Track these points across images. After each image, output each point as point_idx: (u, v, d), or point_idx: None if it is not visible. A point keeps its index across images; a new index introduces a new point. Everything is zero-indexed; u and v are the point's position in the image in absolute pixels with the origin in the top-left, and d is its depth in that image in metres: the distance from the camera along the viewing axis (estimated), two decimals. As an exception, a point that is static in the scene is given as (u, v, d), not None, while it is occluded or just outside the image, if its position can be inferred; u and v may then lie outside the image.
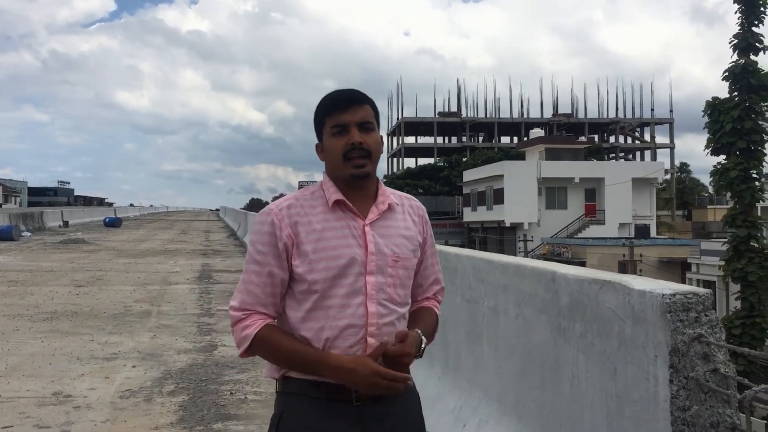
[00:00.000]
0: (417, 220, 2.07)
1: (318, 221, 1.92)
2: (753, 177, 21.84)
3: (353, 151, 1.91)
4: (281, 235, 1.90)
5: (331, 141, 1.95)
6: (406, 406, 1.98)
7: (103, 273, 15.57)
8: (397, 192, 2.10)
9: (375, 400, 1.88)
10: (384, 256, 1.92)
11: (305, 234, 1.90)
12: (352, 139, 1.92)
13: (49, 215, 41.33)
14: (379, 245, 1.92)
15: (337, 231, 1.91)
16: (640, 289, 2.34)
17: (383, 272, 1.91)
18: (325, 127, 1.97)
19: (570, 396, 2.82)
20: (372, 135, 1.96)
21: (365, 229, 1.92)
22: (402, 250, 1.97)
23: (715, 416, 2.16)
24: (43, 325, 8.85)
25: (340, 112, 1.94)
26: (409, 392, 1.97)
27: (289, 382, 1.92)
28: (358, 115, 1.94)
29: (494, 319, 3.65)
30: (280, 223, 1.91)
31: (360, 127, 1.93)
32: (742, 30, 22.21)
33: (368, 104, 1.99)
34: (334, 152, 1.94)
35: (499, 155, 60.89)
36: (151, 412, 5.19)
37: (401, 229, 2.00)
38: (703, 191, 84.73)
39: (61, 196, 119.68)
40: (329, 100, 1.99)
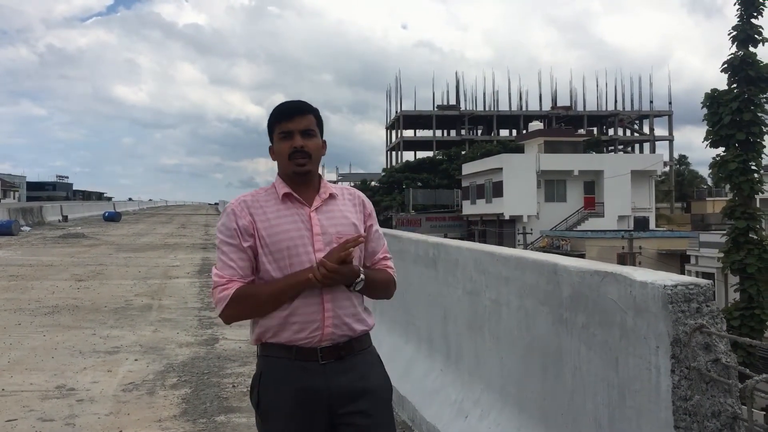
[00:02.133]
0: (356, 203, 2.43)
1: (271, 211, 2.29)
2: (752, 169, 21.83)
3: (296, 153, 2.29)
4: (242, 222, 2.27)
5: (279, 144, 2.33)
6: (365, 363, 2.33)
7: (104, 267, 15.59)
8: (338, 185, 2.47)
9: (337, 359, 2.26)
10: (329, 234, 2.29)
11: (260, 222, 2.27)
12: (295, 143, 2.29)
13: (49, 210, 41.30)
14: (324, 226, 2.30)
15: (288, 218, 2.28)
16: (642, 280, 2.36)
17: (329, 248, 2.25)
18: (274, 133, 2.34)
19: (572, 387, 2.85)
20: (313, 140, 2.33)
21: (311, 215, 2.30)
22: (345, 229, 2.32)
23: (717, 406, 2.18)
24: (45, 319, 8.87)
25: (286, 121, 2.31)
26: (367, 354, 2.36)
27: (267, 347, 2.29)
28: (302, 123, 2.31)
29: (496, 311, 3.67)
30: (240, 213, 2.29)
31: (302, 134, 2.30)
32: (741, 22, 22.17)
33: (312, 114, 2.36)
34: (281, 154, 2.33)
35: (498, 148, 60.79)
36: (155, 405, 5.21)
37: (343, 212, 2.36)
38: (702, 183, 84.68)
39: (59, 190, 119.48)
40: (278, 110, 2.35)
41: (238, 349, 7.10)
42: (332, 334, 2.26)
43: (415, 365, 4.94)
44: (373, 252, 2.46)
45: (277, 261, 2.25)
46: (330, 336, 2.25)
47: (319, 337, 2.24)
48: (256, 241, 2.27)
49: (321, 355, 2.25)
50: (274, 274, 2.25)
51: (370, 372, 2.34)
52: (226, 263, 2.26)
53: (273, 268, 2.26)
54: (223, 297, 2.23)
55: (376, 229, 2.49)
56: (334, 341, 2.26)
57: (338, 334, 2.26)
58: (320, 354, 2.25)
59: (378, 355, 2.44)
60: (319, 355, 2.25)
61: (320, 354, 2.25)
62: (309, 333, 2.23)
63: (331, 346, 2.26)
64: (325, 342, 2.25)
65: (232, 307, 2.24)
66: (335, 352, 2.27)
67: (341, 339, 2.28)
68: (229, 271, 2.26)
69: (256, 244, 2.27)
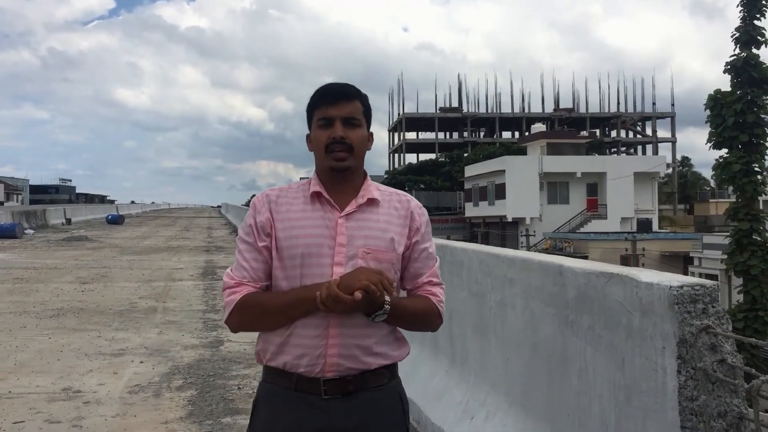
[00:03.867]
0: (403, 214, 2.05)
1: (296, 211, 1.99)
2: (755, 170, 21.82)
3: (335, 144, 1.96)
4: (260, 218, 1.99)
5: (316, 132, 2.01)
6: (378, 405, 1.97)
7: (108, 270, 15.62)
8: (389, 189, 2.11)
9: (344, 395, 1.92)
10: (354, 247, 1.94)
11: (280, 222, 1.98)
12: (334, 133, 1.97)
13: (52, 213, 41.39)
14: (352, 237, 1.95)
15: (312, 221, 1.96)
16: (648, 281, 2.38)
17: (353, 264, 1.92)
18: (313, 119, 2.03)
19: (578, 387, 2.86)
20: (357, 131, 2.00)
21: (338, 221, 1.96)
22: (376, 243, 1.97)
23: (723, 406, 2.19)
24: (50, 322, 8.89)
25: (327, 106, 1.99)
26: (385, 392, 1.99)
27: (268, 370, 2.01)
28: (345, 110, 1.98)
29: (501, 312, 3.69)
30: (261, 208, 2.01)
31: (345, 122, 1.98)
32: (743, 23, 22.18)
33: (358, 100, 2.03)
34: (318, 144, 2.00)
35: (501, 150, 60.84)
36: (161, 406, 5.23)
37: (380, 222, 2.00)
38: (705, 185, 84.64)
39: (62, 193, 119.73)
40: (320, 92, 2.03)
41: (243, 351, 7.12)
42: (338, 365, 1.92)
43: (420, 366, 4.95)
44: (416, 274, 2.07)
45: (286, 269, 1.95)
46: (335, 367, 1.92)
47: (322, 367, 1.92)
48: (272, 242, 1.98)
49: (324, 388, 1.92)
50: (282, 284, 1.96)
51: (381, 417, 1.98)
52: (239, 263, 2.00)
53: (281, 277, 1.97)
54: (229, 302, 1.97)
55: (424, 247, 2.08)
56: (341, 373, 1.93)
57: (345, 366, 1.93)
58: (323, 387, 1.92)
59: (401, 393, 2.06)
60: (322, 388, 1.92)
61: (323, 387, 1.92)
62: (310, 360, 1.92)
63: (337, 379, 1.93)
64: (330, 373, 1.92)
65: (238, 314, 1.96)
66: (342, 386, 1.93)
67: (351, 372, 1.93)
68: (241, 272, 1.99)
69: (271, 246, 1.99)
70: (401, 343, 2.05)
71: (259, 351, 2.03)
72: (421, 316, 2.03)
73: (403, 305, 1.96)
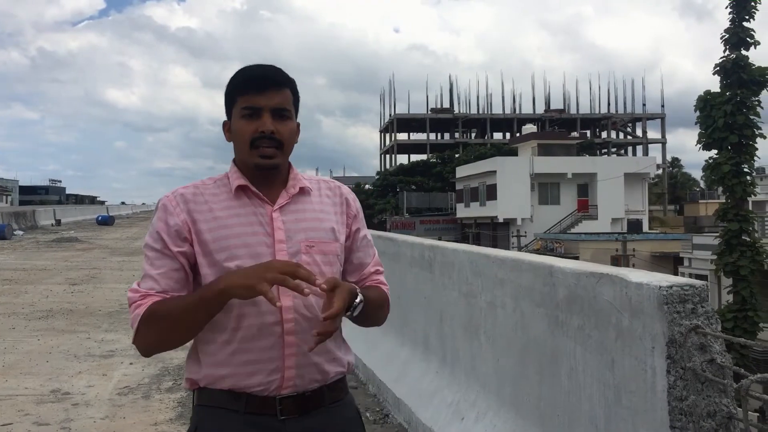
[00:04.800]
0: (337, 201, 1.89)
1: (220, 209, 1.75)
2: (744, 171, 21.98)
3: (263, 139, 1.74)
4: (174, 221, 1.73)
5: (240, 123, 1.76)
6: (338, 421, 1.80)
7: (98, 271, 15.56)
8: (314, 176, 1.94)
9: (302, 413, 1.73)
10: (296, 242, 1.75)
11: (204, 222, 1.73)
12: (262, 127, 1.73)
13: (42, 214, 41.22)
14: (290, 231, 1.75)
15: (242, 218, 1.74)
16: (638, 281, 2.38)
17: (296, 260, 1.71)
18: (235, 106, 1.77)
19: (568, 387, 2.86)
20: (287, 123, 1.78)
21: (273, 215, 1.76)
22: (318, 234, 1.79)
23: (712, 405, 2.20)
24: (39, 323, 8.85)
25: (254, 94, 1.74)
26: (343, 408, 1.83)
27: (205, 393, 1.75)
28: (275, 99, 1.75)
29: (492, 313, 3.69)
30: (174, 209, 1.75)
31: (274, 114, 1.75)
32: (732, 25, 22.33)
33: (288, 88, 1.80)
34: (242, 137, 1.76)
35: (492, 151, 60.98)
36: (150, 408, 5.21)
37: (316, 212, 1.82)
38: (695, 186, 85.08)
39: (52, 194, 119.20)
40: (245, 76, 1.78)
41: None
42: (296, 379, 1.72)
43: (411, 367, 4.95)
44: (361, 264, 1.92)
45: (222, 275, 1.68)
46: (293, 380, 1.72)
47: (279, 383, 1.70)
48: (194, 247, 1.72)
49: (281, 407, 1.71)
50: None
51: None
52: (146, 274, 1.72)
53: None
54: (134, 317, 1.67)
55: (364, 234, 1.94)
56: (298, 389, 1.73)
57: (305, 378, 1.74)
58: (279, 406, 1.71)
59: (357, 408, 1.91)
60: (278, 408, 1.71)
61: (279, 406, 1.71)
62: (265, 377, 1.69)
63: (294, 396, 1.72)
64: (287, 390, 1.71)
65: (145, 328, 1.66)
66: (300, 403, 1.73)
67: (309, 386, 1.74)
68: (148, 283, 1.70)
69: (193, 251, 1.72)
70: (347, 349, 1.89)
71: (194, 374, 1.76)
72: (380, 306, 1.90)
73: (368, 295, 1.78)
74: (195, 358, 1.77)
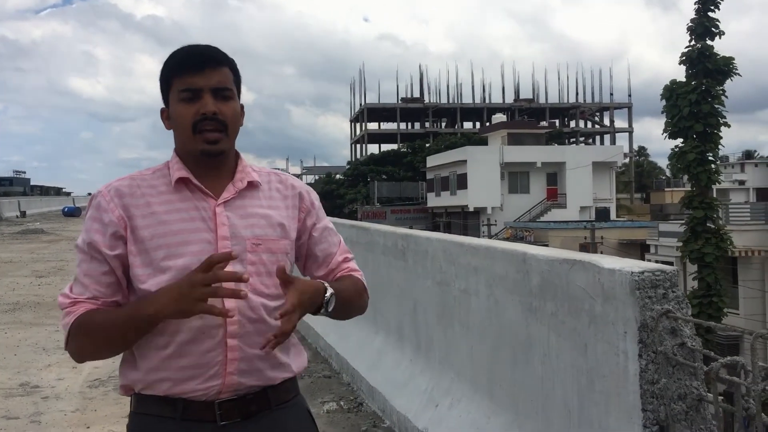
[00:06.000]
0: (289, 195, 1.77)
1: (159, 203, 1.63)
2: (709, 160, 22.38)
3: (205, 122, 1.61)
4: (111, 218, 1.61)
5: (178, 108, 1.64)
6: (286, 425, 1.69)
7: (65, 263, 15.33)
8: (264, 169, 1.81)
9: (245, 418, 1.62)
10: (241, 239, 1.63)
11: (141, 218, 1.61)
12: (204, 108, 1.61)
13: (6, 205, 40.48)
14: (235, 228, 1.63)
15: (182, 213, 1.62)
16: (610, 267, 2.41)
17: (242, 259, 1.61)
18: (172, 90, 1.66)
19: (542, 373, 2.90)
20: (230, 104, 1.65)
21: (216, 210, 1.64)
22: (265, 231, 1.67)
23: (683, 388, 2.24)
24: (5, 317, 8.71)
25: (191, 74, 1.62)
26: (291, 410, 1.72)
27: (141, 400, 1.65)
28: (214, 79, 1.63)
29: (466, 300, 3.72)
30: (108, 205, 1.62)
31: (215, 94, 1.63)
32: (698, 15, 22.65)
33: (227, 66, 1.68)
34: (182, 122, 1.63)
35: (462, 141, 61.15)
36: (122, 400, 5.15)
37: (264, 208, 1.70)
38: (661, 174, 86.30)
39: (16, 185, 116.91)
40: (179, 56, 1.67)
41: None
42: (237, 384, 1.61)
43: (384, 356, 4.97)
44: (328, 255, 1.81)
45: (158, 274, 1.58)
46: (234, 386, 1.61)
47: (219, 388, 1.60)
48: (128, 246, 1.60)
49: (220, 412, 1.60)
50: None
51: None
52: (77, 277, 1.63)
53: (154, 285, 1.57)
54: (64, 325, 1.60)
55: (323, 225, 1.83)
56: (239, 392, 1.62)
57: (246, 384, 1.62)
58: (219, 411, 1.60)
59: (308, 409, 1.79)
60: (218, 413, 1.60)
61: (219, 411, 1.60)
62: (203, 381, 1.59)
63: (235, 399, 1.62)
64: (226, 394, 1.61)
65: (75, 339, 1.59)
66: (242, 407, 1.62)
67: (251, 389, 1.63)
68: (79, 289, 1.61)
69: (127, 251, 1.61)
70: (299, 351, 1.77)
71: (128, 379, 1.65)
72: (357, 296, 1.80)
73: (340, 287, 1.69)
74: (130, 362, 1.65)
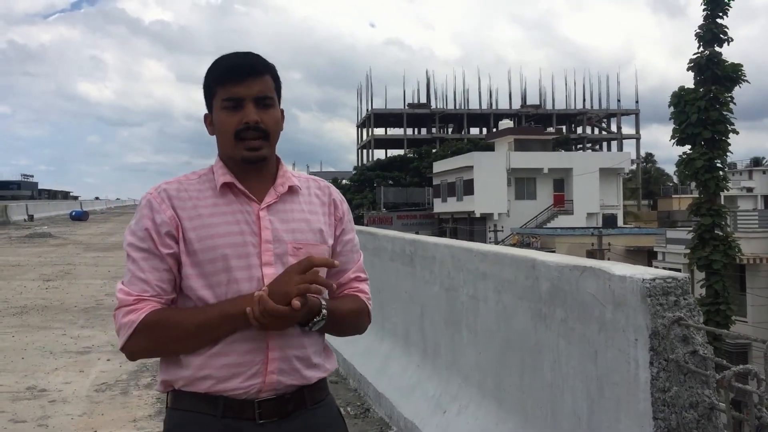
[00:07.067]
0: (326, 202, 1.83)
1: (205, 206, 1.69)
2: (717, 166, 22.31)
3: (247, 131, 1.68)
4: (163, 218, 1.67)
5: (222, 116, 1.70)
6: (319, 424, 1.74)
7: (72, 267, 15.37)
8: (303, 174, 1.87)
9: (282, 417, 1.67)
10: (283, 243, 1.69)
11: (188, 220, 1.67)
12: (246, 117, 1.67)
13: (14, 209, 40.61)
14: (277, 232, 1.70)
15: (227, 217, 1.68)
16: (621, 274, 2.40)
17: (283, 262, 1.68)
18: (216, 98, 1.71)
19: (551, 380, 2.88)
20: (271, 112, 1.71)
21: (260, 214, 1.70)
22: (305, 236, 1.73)
23: (694, 396, 2.23)
24: (13, 320, 8.72)
25: (234, 83, 1.68)
26: (323, 409, 1.77)
27: (181, 397, 1.68)
28: (256, 88, 1.69)
29: (474, 306, 3.70)
30: (160, 206, 1.68)
31: (257, 103, 1.69)
32: (707, 21, 22.60)
33: (269, 75, 1.73)
34: (225, 130, 1.70)
35: (469, 146, 61.12)
36: (129, 404, 5.16)
37: (305, 213, 1.76)
38: (668, 181, 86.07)
39: (24, 189, 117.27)
40: (222, 66, 1.72)
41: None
42: (277, 383, 1.66)
43: (391, 362, 4.95)
44: (342, 269, 1.83)
45: (206, 276, 1.65)
46: (273, 385, 1.66)
47: (259, 387, 1.65)
48: (180, 246, 1.67)
49: (259, 411, 1.65)
50: (203, 293, 1.66)
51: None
52: (135, 275, 1.65)
53: (201, 286, 1.65)
54: (127, 323, 1.61)
55: (350, 238, 1.87)
56: (278, 392, 1.67)
57: (285, 383, 1.67)
58: (258, 410, 1.65)
59: (338, 409, 1.86)
60: (257, 412, 1.65)
61: (258, 410, 1.65)
62: (244, 380, 1.63)
63: (274, 399, 1.67)
64: (266, 393, 1.66)
65: (144, 337, 1.62)
66: (280, 406, 1.67)
67: (288, 389, 1.68)
68: (140, 286, 1.64)
69: (179, 251, 1.67)
70: (329, 355, 1.82)
71: (169, 376, 1.69)
72: (355, 318, 1.82)
73: (338, 308, 1.73)
74: (173, 359, 1.68)
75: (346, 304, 1.79)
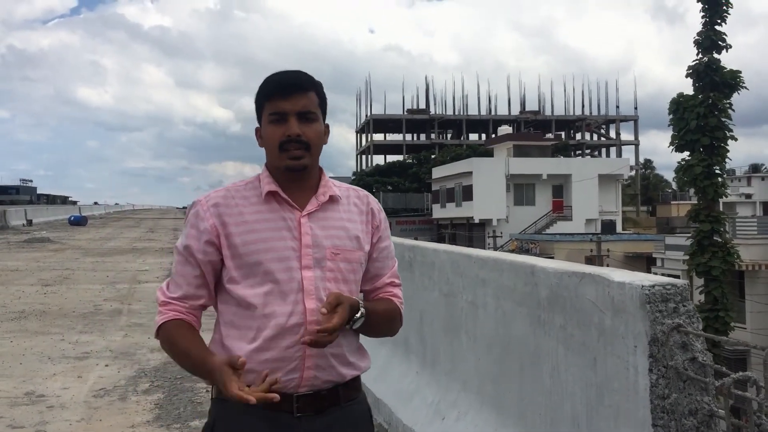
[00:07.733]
0: (364, 210, 1.95)
1: (250, 213, 1.83)
2: (716, 173, 22.28)
3: (290, 143, 1.81)
4: (206, 226, 1.82)
5: (268, 129, 1.85)
6: (351, 421, 1.87)
7: (71, 272, 15.34)
8: (344, 184, 1.99)
9: (317, 412, 1.80)
10: (322, 248, 1.82)
11: (234, 225, 1.81)
12: (289, 131, 1.81)
13: (13, 214, 40.57)
14: (317, 237, 1.82)
15: (270, 223, 1.81)
16: (620, 280, 2.40)
17: (321, 266, 1.81)
18: (264, 112, 1.86)
19: (550, 387, 2.88)
20: (313, 126, 1.84)
21: (301, 221, 1.82)
22: (343, 242, 1.86)
23: (694, 404, 2.22)
24: (11, 325, 8.70)
25: (280, 99, 1.82)
26: (356, 406, 1.89)
27: None
28: (300, 103, 1.82)
29: (473, 312, 3.70)
30: (205, 214, 1.83)
31: (300, 117, 1.82)
32: (705, 28, 22.63)
33: (314, 91, 1.87)
34: (271, 141, 1.84)
35: (468, 152, 61.22)
36: (127, 410, 5.15)
37: (343, 221, 1.89)
38: (667, 187, 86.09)
39: (23, 194, 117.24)
40: (270, 83, 1.86)
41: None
42: (314, 379, 1.80)
43: (391, 368, 4.94)
44: (377, 274, 1.97)
45: (249, 278, 1.79)
46: (310, 380, 1.80)
47: (297, 382, 1.78)
48: (222, 251, 1.82)
49: (297, 405, 1.78)
50: (246, 293, 1.79)
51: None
52: (175, 279, 1.87)
53: (245, 286, 1.79)
54: (156, 321, 1.85)
55: (386, 245, 1.99)
56: (315, 388, 1.80)
57: (321, 379, 1.81)
58: (296, 404, 1.79)
59: (369, 407, 1.99)
60: (295, 406, 1.78)
61: (296, 404, 1.79)
62: (284, 375, 1.75)
63: (311, 395, 1.80)
64: (304, 388, 1.80)
65: (160, 338, 1.85)
66: (316, 402, 1.81)
67: (325, 386, 1.81)
68: (176, 289, 1.86)
69: (220, 257, 1.83)
70: (364, 353, 1.94)
71: None
72: (389, 320, 1.95)
73: (374, 309, 1.86)
74: (219, 353, 1.80)
75: (380, 304, 1.93)
